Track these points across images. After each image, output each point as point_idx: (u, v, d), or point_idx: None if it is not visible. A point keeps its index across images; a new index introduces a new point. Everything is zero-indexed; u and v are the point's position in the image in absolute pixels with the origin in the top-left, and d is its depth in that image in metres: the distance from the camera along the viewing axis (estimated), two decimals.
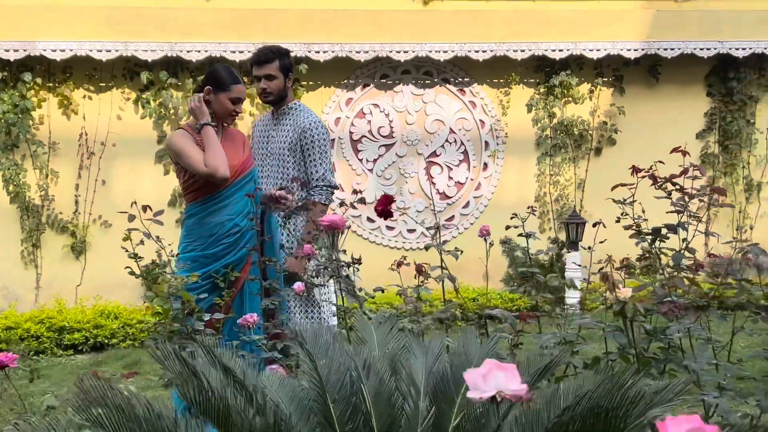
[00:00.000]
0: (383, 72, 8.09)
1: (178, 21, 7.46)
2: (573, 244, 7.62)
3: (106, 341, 6.83)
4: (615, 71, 8.47)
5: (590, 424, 1.80)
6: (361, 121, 8.09)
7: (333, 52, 7.67)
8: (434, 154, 8.19)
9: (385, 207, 3.70)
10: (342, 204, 4.19)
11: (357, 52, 7.70)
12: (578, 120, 8.40)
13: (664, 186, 3.53)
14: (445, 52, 7.82)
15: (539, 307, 7.47)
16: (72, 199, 7.64)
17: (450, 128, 8.19)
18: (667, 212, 3.68)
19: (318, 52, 7.65)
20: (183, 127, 4.32)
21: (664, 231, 3.59)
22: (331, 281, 4.47)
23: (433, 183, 8.16)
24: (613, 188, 3.73)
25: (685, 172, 3.37)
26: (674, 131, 8.62)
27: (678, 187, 3.58)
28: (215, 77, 4.27)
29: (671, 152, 3.63)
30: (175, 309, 3.30)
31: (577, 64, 8.32)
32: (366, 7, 7.77)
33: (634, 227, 3.63)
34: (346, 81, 8.05)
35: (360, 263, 3.20)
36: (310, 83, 7.97)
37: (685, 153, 3.60)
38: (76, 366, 6.30)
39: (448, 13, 7.90)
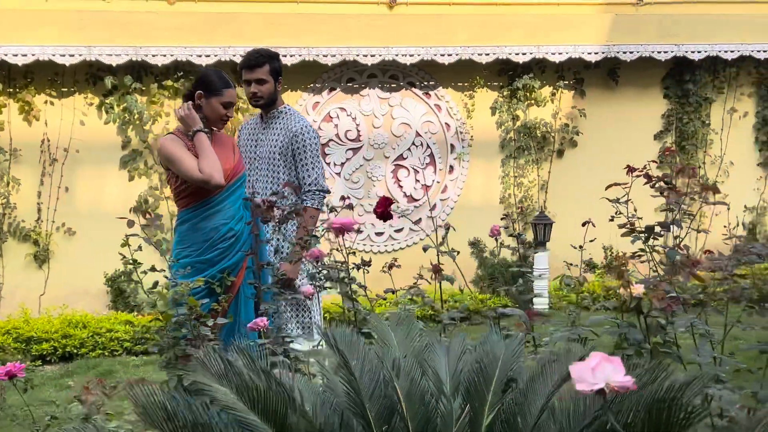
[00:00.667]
0: (349, 76, 8.11)
1: (142, 25, 7.36)
2: (540, 245, 7.73)
3: (75, 351, 6.70)
4: (576, 74, 8.62)
5: (647, 416, 1.83)
6: (329, 125, 8.09)
7: (300, 56, 7.65)
8: (401, 157, 8.23)
9: (385, 209, 3.71)
10: (332, 210, 4.19)
11: (324, 55, 7.70)
12: (541, 122, 8.52)
13: (656, 185, 3.61)
14: (411, 55, 7.87)
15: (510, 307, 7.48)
16: (34, 206, 7.48)
17: (416, 131, 8.24)
18: (660, 210, 3.77)
19: (285, 56, 7.61)
20: (173, 131, 4.29)
21: (657, 229, 3.67)
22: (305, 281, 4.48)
23: (400, 186, 8.21)
24: (607, 188, 3.80)
25: (681, 170, 3.46)
26: (633, 133, 8.82)
27: (671, 185, 3.67)
28: (207, 81, 4.26)
29: (665, 153, 3.71)
30: (182, 314, 3.26)
31: (539, 68, 8.45)
32: (333, 11, 7.78)
33: (627, 226, 3.70)
34: (312, 85, 8.04)
35: (369, 265, 3.21)
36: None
37: (676, 153, 3.70)
38: (47, 377, 6.17)
39: (413, 17, 7.95)
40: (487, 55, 8.07)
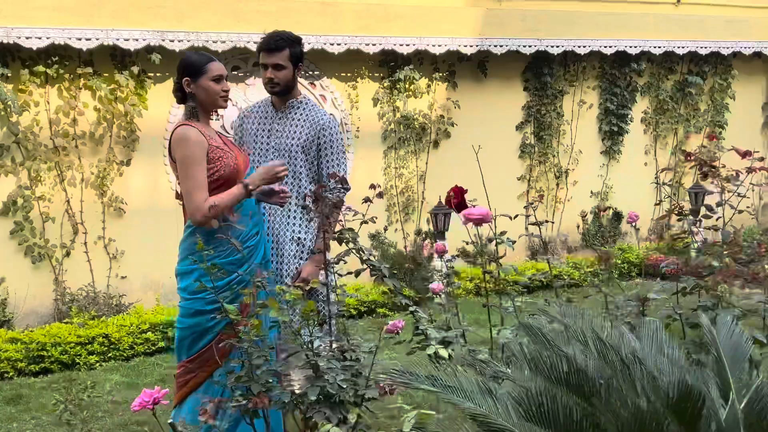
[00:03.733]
0: (234, 64, 7.68)
1: (15, 3, 6.51)
2: (440, 234, 7.79)
3: None
4: (450, 66, 8.76)
5: None
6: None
7: (189, 41, 7.13)
8: None
9: (461, 200, 3.57)
10: (366, 200, 3.98)
11: (214, 41, 7.23)
12: (420, 114, 8.58)
13: (707, 170, 3.76)
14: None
15: (413, 298, 7.51)
16: None
17: None
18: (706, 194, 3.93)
19: (173, 41, 7.07)
20: (191, 124, 3.80)
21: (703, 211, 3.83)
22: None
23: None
24: (661, 171, 3.90)
25: (748, 153, 3.61)
26: (499, 124, 9.14)
27: (713, 168, 3.83)
28: (187, 65, 3.86)
29: (710, 139, 3.87)
30: (295, 320, 2.94)
31: (417, 59, 8.49)
32: None
33: (677, 208, 3.82)
34: None
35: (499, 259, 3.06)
36: (158, 74, 7.34)
37: (714, 137, 3.87)
38: None
39: (301, 3, 7.68)
40: (374, 45, 7.99)
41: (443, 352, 3.77)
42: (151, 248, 7.36)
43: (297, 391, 3.05)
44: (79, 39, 6.72)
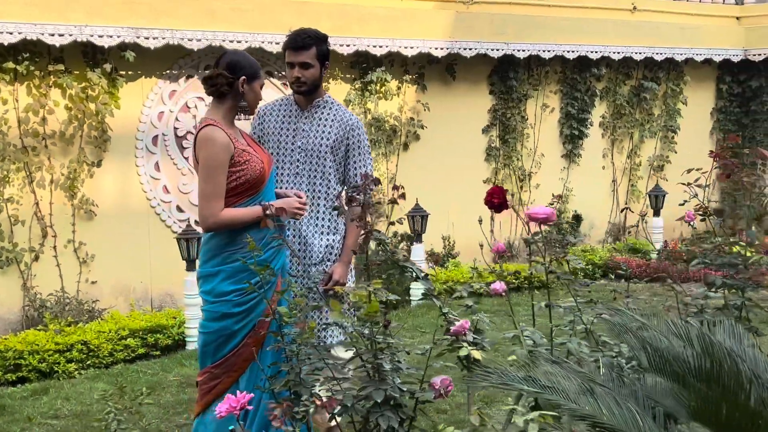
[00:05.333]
0: (207, 63, 7.50)
1: None
2: (418, 236, 7.76)
3: None
4: (420, 68, 8.75)
5: None
6: (186, 115, 7.43)
7: (164, 38, 6.94)
8: None
9: (502, 200, 3.53)
10: (392, 201, 3.92)
11: (189, 39, 7.06)
12: (391, 116, 8.55)
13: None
14: (278, 43, 7.46)
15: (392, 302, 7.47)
16: None
17: None
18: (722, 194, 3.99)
19: (148, 38, 6.87)
20: (218, 124, 3.64)
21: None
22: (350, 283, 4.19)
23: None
24: (688, 171, 3.94)
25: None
26: (466, 127, 9.18)
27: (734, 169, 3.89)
28: (246, 66, 3.72)
29: (731, 140, 3.94)
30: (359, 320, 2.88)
31: (388, 61, 8.46)
32: None
33: (700, 209, 3.88)
34: (168, 71, 7.32)
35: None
36: (130, 73, 7.13)
37: (737, 140, 3.94)
38: None
39: (277, 2, 7.57)
40: (348, 46, 7.92)
41: (476, 354, 3.74)
42: (122, 252, 7.14)
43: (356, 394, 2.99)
44: (52, 35, 6.47)
